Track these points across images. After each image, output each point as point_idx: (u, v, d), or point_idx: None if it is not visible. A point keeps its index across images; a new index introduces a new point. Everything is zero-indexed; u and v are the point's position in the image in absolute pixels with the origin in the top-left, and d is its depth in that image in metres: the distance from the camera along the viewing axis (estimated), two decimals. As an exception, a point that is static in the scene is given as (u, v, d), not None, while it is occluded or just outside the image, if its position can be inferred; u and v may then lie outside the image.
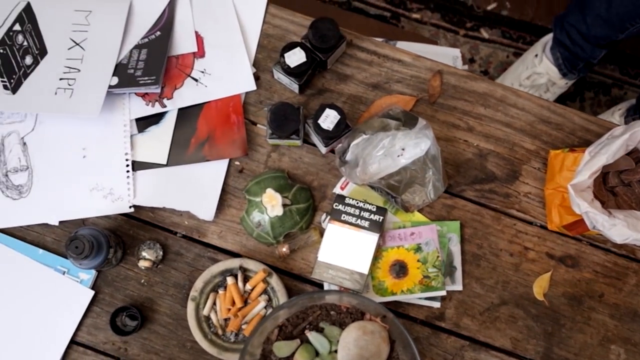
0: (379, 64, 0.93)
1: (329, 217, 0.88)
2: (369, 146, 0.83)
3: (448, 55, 1.19)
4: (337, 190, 0.90)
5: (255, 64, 0.93)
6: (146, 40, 0.91)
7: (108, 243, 0.82)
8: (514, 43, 1.44)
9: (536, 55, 1.28)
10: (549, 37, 1.29)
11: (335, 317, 0.77)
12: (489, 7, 1.45)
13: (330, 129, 0.84)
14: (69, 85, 0.88)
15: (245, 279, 0.85)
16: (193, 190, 0.88)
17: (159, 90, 0.89)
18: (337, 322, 0.77)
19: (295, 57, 0.86)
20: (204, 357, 0.86)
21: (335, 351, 0.76)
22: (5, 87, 0.88)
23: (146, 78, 0.88)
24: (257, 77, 0.92)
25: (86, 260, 0.78)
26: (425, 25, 1.42)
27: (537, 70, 1.27)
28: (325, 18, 0.87)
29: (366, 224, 0.85)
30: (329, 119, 0.84)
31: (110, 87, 0.88)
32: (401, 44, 1.16)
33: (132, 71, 0.89)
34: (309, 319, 0.77)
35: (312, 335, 0.76)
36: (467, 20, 1.43)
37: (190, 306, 0.84)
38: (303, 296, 0.74)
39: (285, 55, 0.86)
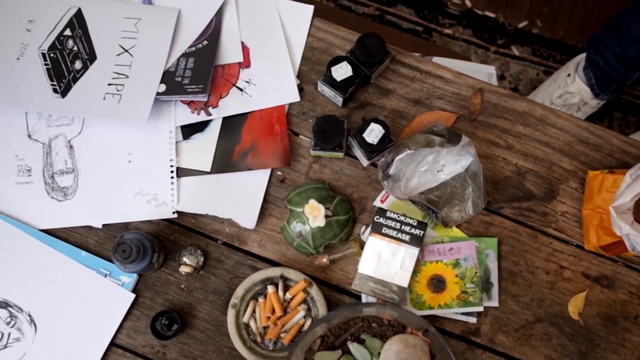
0: (421, 80, 0.95)
1: (369, 229, 0.90)
2: (413, 162, 0.85)
3: (483, 72, 1.21)
4: (376, 203, 0.92)
5: (299, 75, 0.95)
6: (193, 48, 0.93)
7: (152, 248, 0.83)
8: (544, 61, 1.45)
9: (569, 75, 1.30)
10: (581, 57, 1.30)
11: (377, 329, 0.79)
12: (520, 25, 1.47)
13: (375, 143, 0.86)
14: (118, 91, 0.90)
15: (286, 288, 0.86)
16: (236, 198, 0.90)
17: (206, 99, 0.91)
18: (379, 334, 0.79)
19: (342, 71, 0.88)
20: (241, 363, 0.88)
21: (377, 363, 0.77)
22: (55, 91, 0.90)
23: (194, 86, 0.90)
24: (300, 89, 0.94)
25: (132, 264, 0.80)
26: (456, 40, 1.44)
27: (570, 90, 1.28)
28: (372, 34, 0.89)
29: (407, 237, 0.86)
30: (373, 133, 0.86)
31: (157, 94, 0.90)
32: (437, 60, 1.18)
33: (179, 79, 0.91)
34: (350, 330, 0.79)
35: (353, 347, 0.77)
36: (499, 37, 1.45)
37: (231, 313, 0.85)
38: (347, 307, 0.75)
39: (332, 68, 0.88)
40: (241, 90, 0.93)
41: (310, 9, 0.96)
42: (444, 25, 1.45)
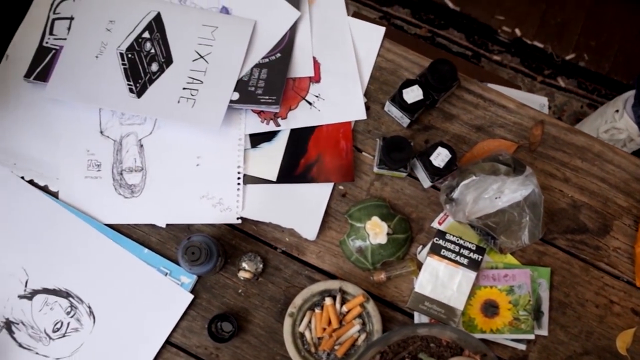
0: (484, 108, 0.98)
1: (426, 250, 0.92)
2: (478, 188, 0.88)
3: (535, 102, 1.23)
4: (434, 224, 0.94)
5: (366, 93, 0.98)
6: (267, 60, 0.96)
7: (218, 252, 0.86)
8: (589, 94, 1.49)
9: (617, 111, 1.33)
10: (630, 94, 1.33)
11: (435, 349, 0.81)
12: (568, 57, 1.51)
13: (441, 167, 0.88)
14: (192, 95, 0.93)
15: (343, 301, 0.89)
16: (298, 209, 0.92)
17: (278, 110, 0.94)
18: (436, 354, 0.81)
19: (413, 94, 0.91)
20: (292, 371, 0.90)
21: (432, 382, 0.79)
22: (131, 91, 0.93)
23: (267, 97, 0.93)
24: (367, 107, 0.97)
25: (198, 266, 0.83)
26: (504, 67, 1.47)
27: (617, 126, 1.31)
28: (444, 60, 0.92)
29: (465, 261, 0.89)
30: (440, 157, 0.89)
31: (231, 101, 0.93)
32: (490, 87, 1.21)
33: (252, 89, 0.94)
34: (409, 348, 0.81)
35: (411, 364, 0.80)
36: (546, 67, 1.48)
37: (288, 322, 0.88)
38: (409, 326, 0.78)
39: (404, 91, 0.91)
40: (310, 104, 0.96)
41: (381, 30, 0.99)
42: (493, 51, 1.48)
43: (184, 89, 0.94)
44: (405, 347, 0.81)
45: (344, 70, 0.97)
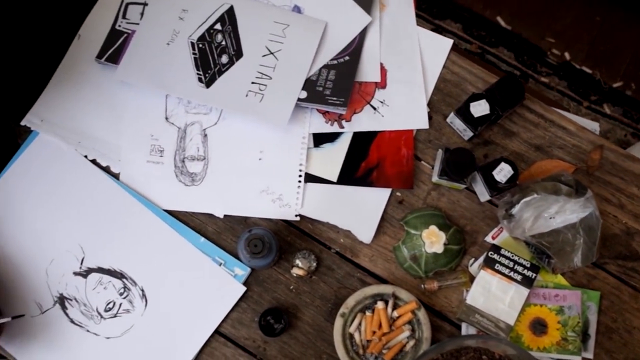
0: (544, 128, 1.00)
1: (478, 263, 0.94)
2: (539, 207, 0.89)
3: (586, 126, 1.25)
4: (488, 238, 0.96)
5: (429, 104, 0.99)
6: (335, 62, 0.98)
7: (277, 247, 0.87)
8: (633, 123, 1.50)
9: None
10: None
11: (487, 361, 0.82)
12: (615, 85, 1.52)
13: (502, 182, 0.90)
14: (260, 90, 0.95)
15: (394, 307, 0.90)
16: (356, 212, 0.94)
17: (344, 112, 0.96)
18: (487, 366, 0.82)
19: (480, 108, 0.93)
20: (336, 371, 0.92)
21: (482, 394, 0.81)
22: (200, 80, 0.95)
23: (335, 98, 0.95)
24: (429, 117, 0.99)
25: (258, 259, 0.84)
26: (551, 90, 1.49)
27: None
28: (514, 77, 0.94)
29: (519, 277, 0.90)
30: (502, 172, 0.90)
31: (298, 99, 0.95)
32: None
33: (320, 89, 0.96)
34: (461, 358, 0.82)
35: (463, 374, 0.81)
36: (592, 93, 1.50)
37: (339, 322, 0.89)
38: (466, 336, 0.79)
39: (471, 104, 0.93)
40: (375, 109, 0.98)
41: (449, 42, 1.01)
42: (541, 73, 1.50)
43: (252, 83, 0.96)
44: (458, 357, 0.83)
45: (410, 79, 0.99)
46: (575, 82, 1.52)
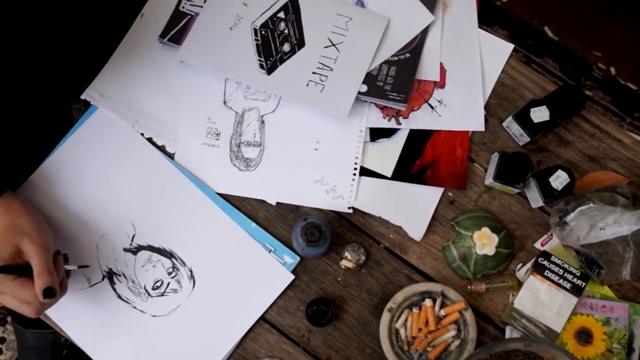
0: (599, 139, 1.01)
1: (526, 268, 0.95)
2: (594, 216, 0.90)
3: None
4: (537, 245, 0.97)
5: (485, 107, 1.01)
6: (396, 58, 0.99)
7: (331, 237, 0.89)
8: (674, 144, 1.51)
9: None
10: None
11: (535, 366, 0.84)
12: (658, 102, 1.54)
13: (558, 189, 0.91)
14: (321, 81, 0.97)
15: (441, 305, 0.91)
16: (408, 208, 0.95)
17: (404, 108, 0.97)
18: (535, 371, 0.83)
19: (540, 114, 0.94)
20: (379, 366, 0.93)
21: (528, 398, 0.82)
22: (261, 67, 0.97)
23: (395, 94, 0.96)
24: (485, 120, 1.00)
25: (313, 248, 0.86)
26: (594, 103, 1.50)
27: None
28: (574, 86, 0.95)
29: (568, 285, 0.91)
30: (559, 180, 0.91)
31: (359, 93, 0.96)
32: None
33: (381, 84, 0.97)
34: (510, 360, 0.83)
35: (511, 377, 0.82)
36: (636, 110, 1.51)
37: (386, 316, 0.90)
38: (518, 339, 0.80)
39: (532, 109, 0.94)
40: (432, 108, 0.99)
41: (510, 47, 1.02)
42: (586, 86, 1.52)
43: (313, 73, 0.97)
44: (507, 359, 0.84)
45: (469, 81, 1.00)
46: (619, 97, 1.53)
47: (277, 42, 0.99)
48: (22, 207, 0.86)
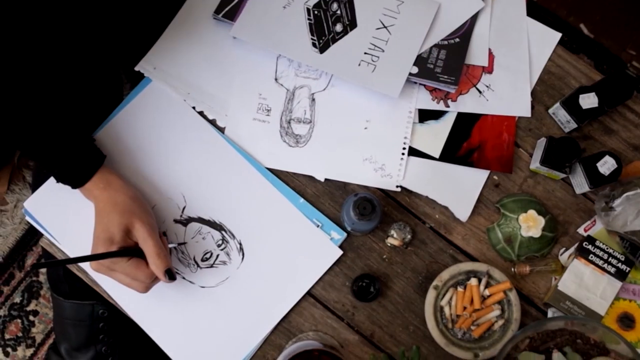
0: (644, 129, 1.04)
1: (569, 252, 0.97)
2: (641, 201, 0.93)
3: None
4: (580, 230, 0.99)
5: (532, 93, 1.03)
6: (446, 42, 1.02)
7: (381, 212, 0.91)
8: None
9: None
10: None
11: (581, 345, 0.86)
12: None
13: (605, 175, 0.94)
14: (372, 61, 0.99)
15: (486, 285, 0.94)
16: (454, 189, 0.98)
17: (454, 90, 1.00)
18: (581, 351, 0.86)
19: (589, 101, 0.96)
20: (422, 343, 0.95)
21: (574, 376, 0.84)
22: (314, 45, 1.00)
23: (446, 76, 0.99)
24: (531, 106, 1.03)
25: (364, 222, 0.88)
26: (627, 101, 1.53)
27: None
28: (623, 74, 0.98)
29: (612, 270, 0.94)
30: (606, 165, 0.94)
31: (410, 74, 0.99)
32: None
33: (431, 66, 1.00)
34: (556, 339, 0.86)
35: (557, 356, 0.85)
36: (668, 109, 1.54)
37: (432, 294, 0.93)
38: (565, 317, 0.83)
39: (581, 96, 0.96)
40: (480, 92, 1.02)
41: (557, 35, 1.05)
42: (619, 84, 1.54)
43: (365, 53, 1.00)
44: (553, 338, 0.86)
45: (516, 67, 1.03)
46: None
47: (329, 22, 1.01)
48: (121, 182, 0.90)
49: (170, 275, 0.86)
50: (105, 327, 1.14)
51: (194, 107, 1.00)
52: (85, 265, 0.95)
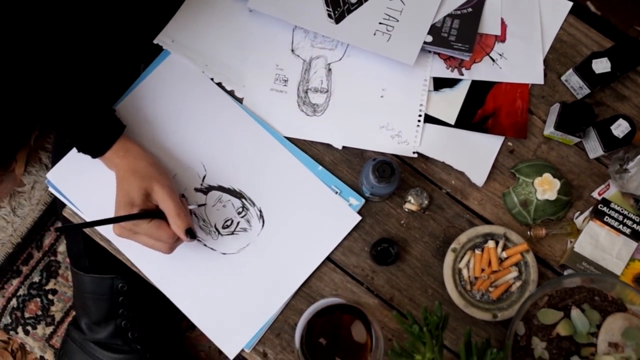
0: (655, 95, 1.05)
1: (584, 215, 0.99)
2: (656, 162, 0.94)
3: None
4: (594, 194, 1.01)
5: (544, 61, 1.05)
6: (459, 12, 1.04)
7: (399, 176, 0.93)
8: None
9: None
10: None
11: (599, 302, 0.87)
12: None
13: (620, 137, 0.95)
14: (387, 30, 1.01)
15: (503, 247, 0.95)
16: (470, 155, 1.00)
17: (468, 58, 1.01)
18: (599, 308, 0.87)
19: (602, 65, 0.98)
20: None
21: (592, 333, 0.85)
22: (329, 16, 1.01)
23: (460, 44, 1.00)
24: (544, 74, 1.04)
25: (384, 184, 0.90)
26: (635, 77, 1.55)
27: None
28: (636, 39, 0.99)
29: (627, 231, 0.95)
30: (619, 128, 0.96)
31: (424, 43, 1.00)
32: None
33: (445, 35, 1.01)
34: (575, 296, 0.87)
35: (576, 313, 0.86)
36: (676, 84, 1.55)
37: (450, 257, 0.95)
38: (582, 273, 0.84)
39: (594, 61, 0.98)
40: (493, 60, 1.03)
41: (568, 5, 1.07)
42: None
43: (380, 23, 1.02)
44: (572, 295, 0.88)
45: (528, 35, 1.05)
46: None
47: (344, -7, 1.03)
48: (140, 150, 0.92)
49: (192, 234, 0.88)
50: (125, 301, 1.15)
51: (212, 79, 1.01)
52: (109, 234, 0.97)
